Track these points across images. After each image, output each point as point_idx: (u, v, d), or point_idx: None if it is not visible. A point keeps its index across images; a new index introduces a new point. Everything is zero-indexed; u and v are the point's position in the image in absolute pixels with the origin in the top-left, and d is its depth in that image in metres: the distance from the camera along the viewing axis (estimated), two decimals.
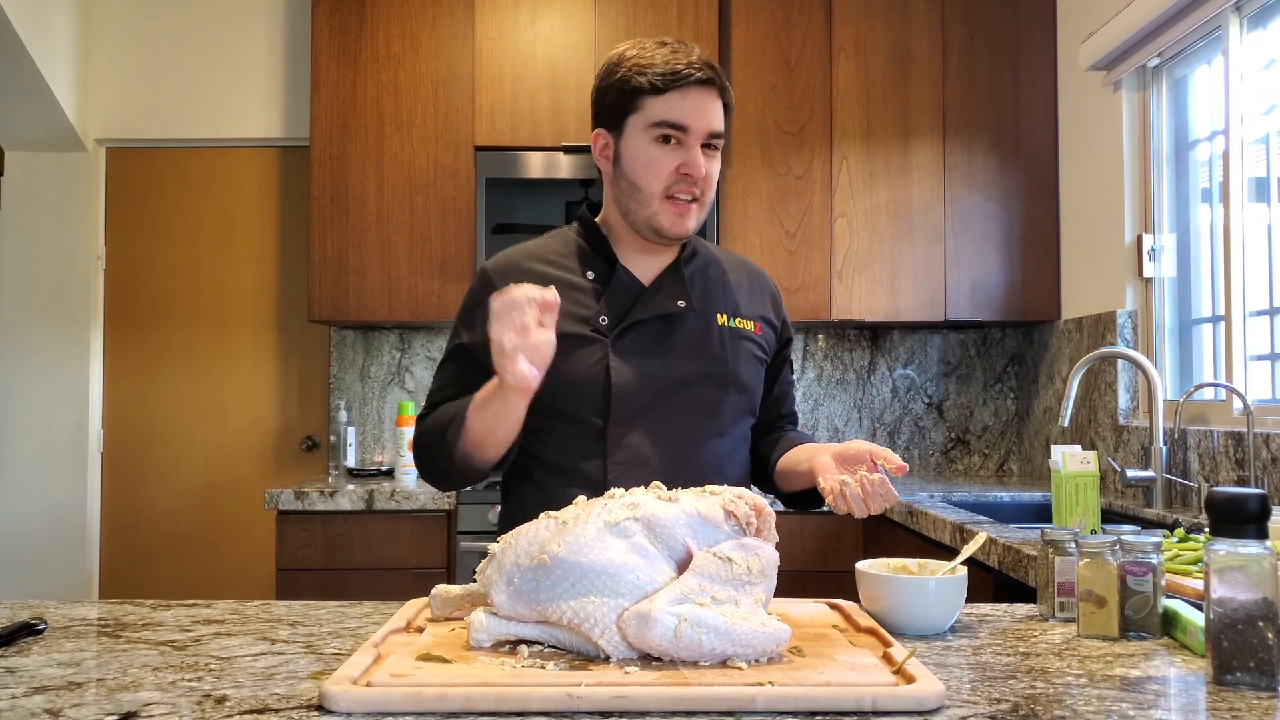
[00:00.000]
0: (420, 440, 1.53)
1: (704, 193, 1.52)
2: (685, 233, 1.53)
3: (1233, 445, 2.35)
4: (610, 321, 1.52)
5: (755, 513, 1.10)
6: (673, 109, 1.48)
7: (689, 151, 1.49)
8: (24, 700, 0.92)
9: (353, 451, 3.62)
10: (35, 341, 3.77)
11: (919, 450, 3.78)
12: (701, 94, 1.48)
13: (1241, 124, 2.54)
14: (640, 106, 1.49)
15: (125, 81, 3.83)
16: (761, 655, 0.99)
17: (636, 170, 1.51)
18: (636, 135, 1.51)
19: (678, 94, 1.48)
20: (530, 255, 1.61)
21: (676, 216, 1.51)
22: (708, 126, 1.49)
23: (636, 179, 1.51)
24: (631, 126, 1.51)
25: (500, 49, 3.42)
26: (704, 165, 1.49)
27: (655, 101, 1.48)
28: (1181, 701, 0.95)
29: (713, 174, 1.52)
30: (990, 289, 3.44)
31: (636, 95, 1.49)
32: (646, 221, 1.52)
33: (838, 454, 1.38)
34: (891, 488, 1.29)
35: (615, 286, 1.54)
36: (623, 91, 1.51)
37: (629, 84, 1.50)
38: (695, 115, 1.48)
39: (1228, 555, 0.98)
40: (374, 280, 3.40)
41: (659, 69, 1.48)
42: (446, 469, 1.49)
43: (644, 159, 1.50)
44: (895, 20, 3.46)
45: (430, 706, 0.88)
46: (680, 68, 1.48)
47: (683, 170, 1.49)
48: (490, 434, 1.42)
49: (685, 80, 1.47)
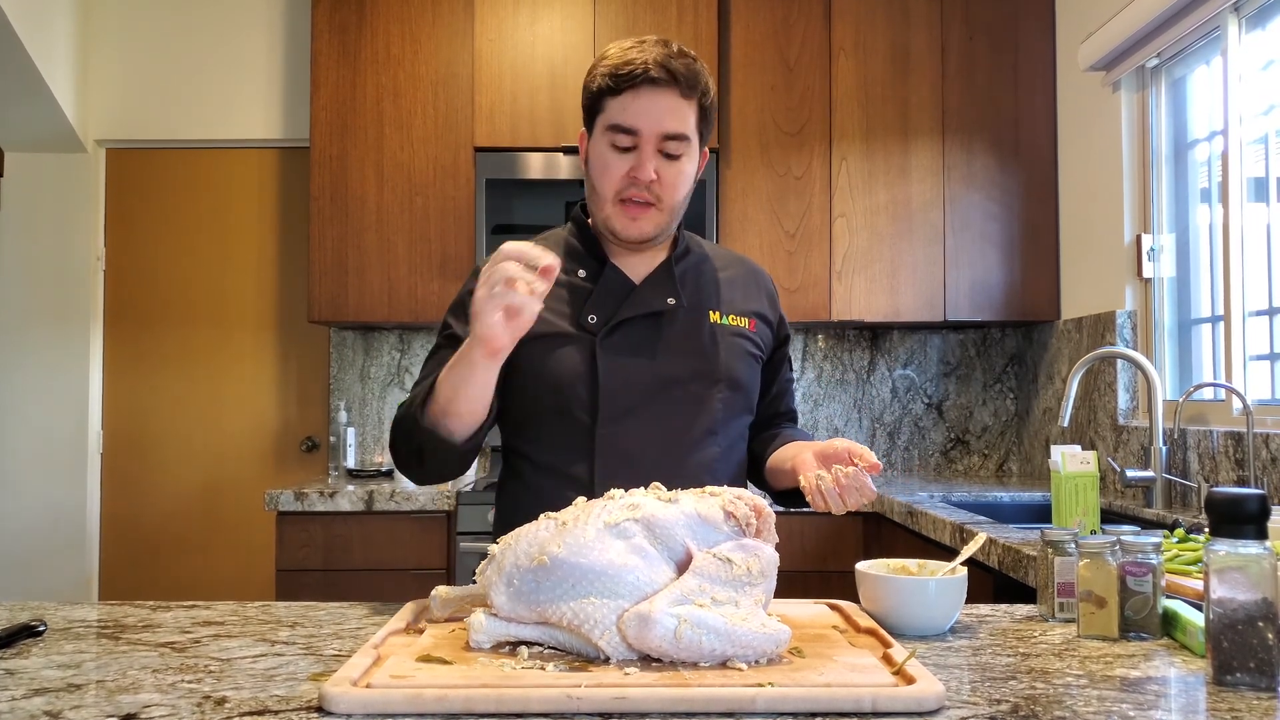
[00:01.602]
0: (395, 423, 1.48)
1: (662, 197, 1.48)
2: (640, 236, 1.50)
3: (1232, 445, 2.35)
4: (599, 320, 1.50)
5: (755, 513, 1.10)
6: (625, 110, 1.45)
7: (640, 154, 1.46)
8: (24, 702, 0.92)
9: (352, 452, 3.62)
10: (35, 342, 3.77)
11: (919, 450, 3.78)
12: (654, 94, 1.44)
13: (1240, 124, 2.54)
14: (604, 107, 1.48)
15: (125, 82, 3.83)
16: (761, 656, 0.99)
17: (594, 173, 1.51)
18: (598, 137, 1.50)
19: (630, 94, 1.44)
20: None
21: (629, 220, 1.49)
22: (659, 129, 1.44)
23: (594, 181, 1.51)
24: (597, 127, 1.50)
25: (500, 50, 3.42)
26: (653, 169, 1.45)
27: (612, 103, 1.46)
28: (1181, 702, 0.95)
29: (672, 178, 1.48)
30: (990, 289, 3.44)
31: (600, 96, 1.48)
32: (604, 224, 1.52)
33: (819, 452, 1.37)
34: (867, 481, 1.27)
35: (604, 285, 1.53)
36: (589, 91, 1.50)
37: (593, 84, 1.49)
38: (645, 117, 1.44)
39: (1227, 555, 0.98)
40: (374, 281, 3.40)
41: (611, 68, 1.45)
42: (418, 443, 1.41)
43: (599, 162, 1.49)
44: (894, 20, 3.46)
45: (430, 708, 0.88)
46: (631, 68, 1.43)
47: (631, 175, 1.46)
48: (455, 396, 1.35)
49: (634, 80, 1.43)
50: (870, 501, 1.30)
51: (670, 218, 1.52)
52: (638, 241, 1.52)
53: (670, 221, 1.52)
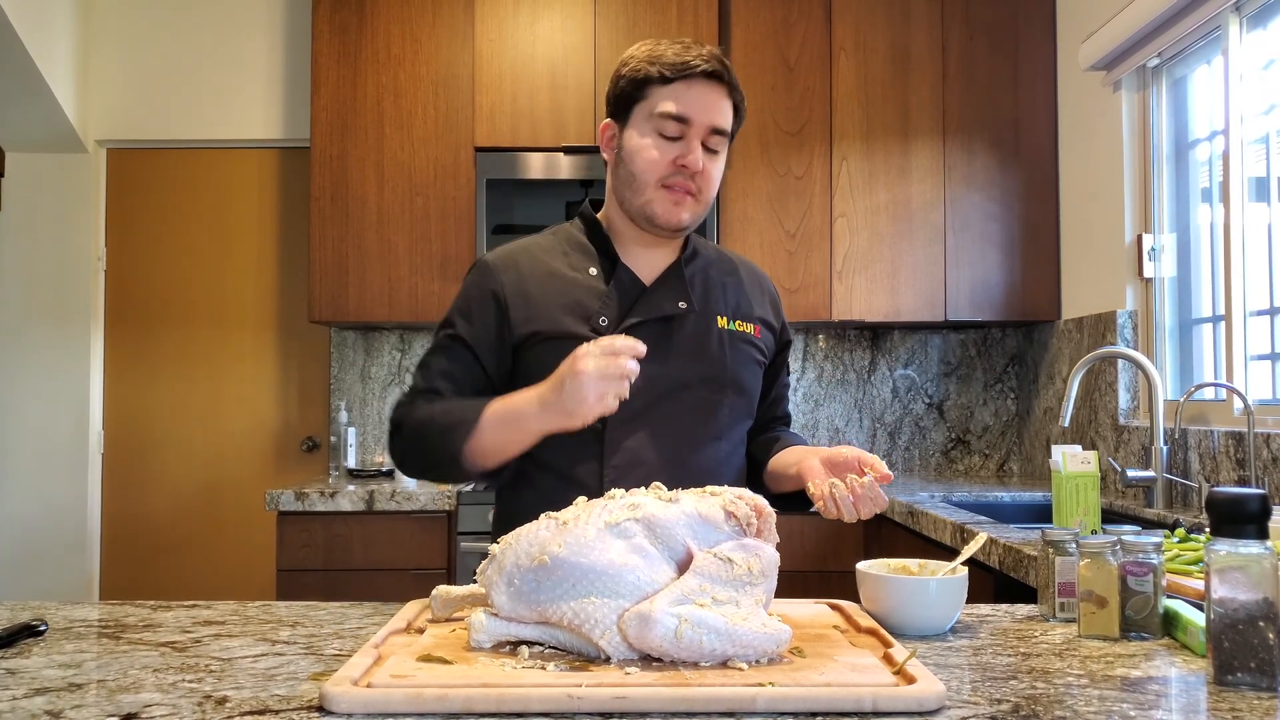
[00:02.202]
0: (414, 432, 1.49)
1: (702, 189, 1.51)
2: (679, 224, 1.51)
3: (1233, 445, 2.35)
4: (610, 322, 1.50)
5: (755, 513, 1.10)
6: (678, 99, 1.47)
7: (688, 144, 1.48)
8: (25, 702, 0.92)
9: (353, 452, 3.62)
10: (35, 342, 3.77)
11: (919, 450, 3.78)
12: (708, 88, 1.48)
13: (1241, 124, 2.54)
14: (647, 95, 1.49)
15: (125, 82, 3.83)
16: (762, 656, 0.99)
17: (636, 158, 1.51)
18: (641, 124, 1.51)
19: (684, 84, 1.47)
20: (531, 251, 1.59)
21: (671, 205, 1.50)
22: (710, 121, 1.48)
23: (634, 167, 1.51)
24: (637, 115, 1.51)
25: (500, 50, 3.42)
26: (701, 160, 1.48)
27: (661, 91, 1.48)
28: (1182, 702, 0.95)
29: (712, 172, 1.51)
30: (990, 289, 3.44)
31: (645, 84, 1.49)
32: (641, 209, 1.52)
33: (826, 459, 1.37)
34: (880, 492, 1.28)
35: (616, 286, 1.53)
36: (633, 80, 1.51)
37: (639, 73, 1.50)
38: (698, 108, 1.47)
39: (1228, 555, 0.98)
40: (374, 281, 3.40)
41: (668, 60, 1.48)
42: (444, 470, 1.47)
43: (642, 148, 1.50)
44: (895, 20, 3.46)
45: (431, 708, 0.88)
46: (689, 59, 1.47)
47: (679, 162, 1.48)
48: (505, 448, 1.41)
49: (692, 71, 1.47)
50: (882, 510, 1.30)
51: (704, 210, 1.54)
52: (674, 230, 1.53)
53: (703, 214, 1.55)
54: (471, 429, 1.40)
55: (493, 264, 1.58)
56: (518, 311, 1.52)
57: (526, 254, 1.59)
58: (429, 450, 1.46)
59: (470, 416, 1.42)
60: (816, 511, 1.33)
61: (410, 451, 1.51)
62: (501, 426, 1.39)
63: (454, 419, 1.44)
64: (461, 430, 1.42)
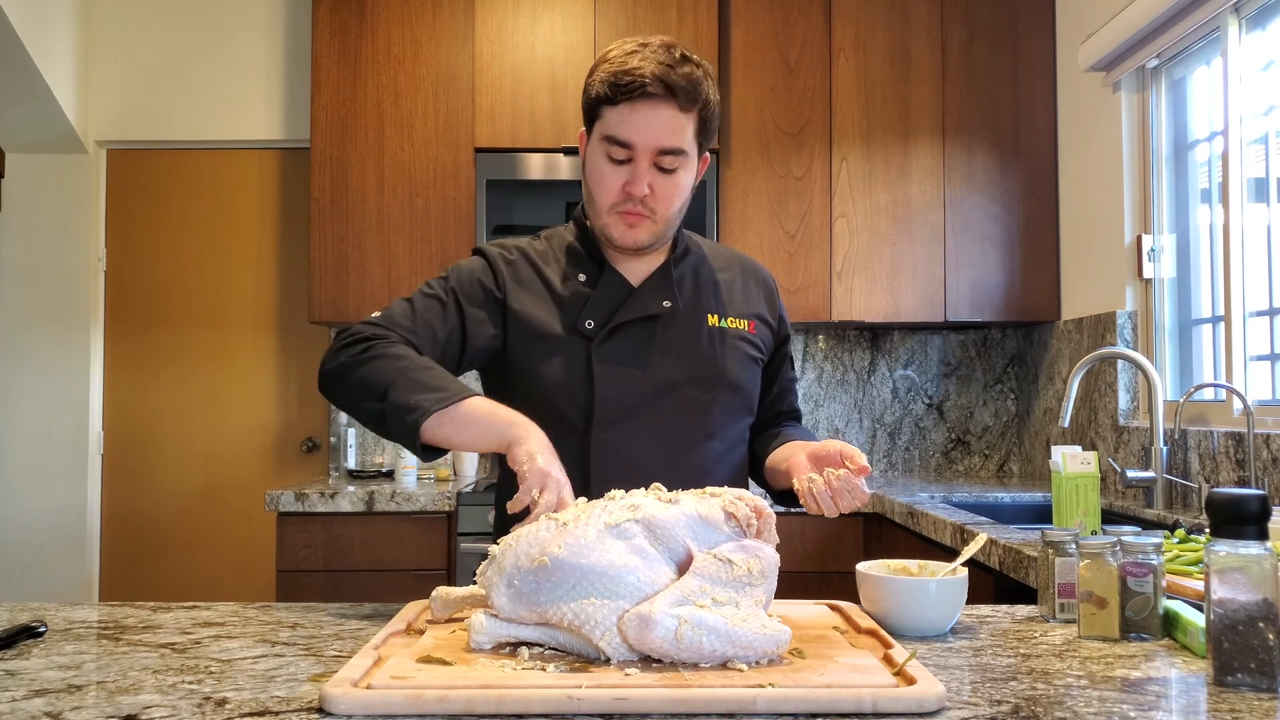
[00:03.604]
0: (365, 350, 1.39)
1: (657, 210, 1.46)
2: (636, 244, 1.49)
3: (1233, 446, 2.35)
4: (595, 324, 1.49)
5: (755, 514, 1.10)
6: (621, 123, 1.42)
7: (635, 168, 1.44)
8: (24, 703, 0.92)
9: (353, 453, 3.62)
10: (36, 343, 3.77)
11: (919, 451, 3.78)
12: (651, 108, 1.41)
13: (1241, 124, 2.54)
14: (600, 115, 1.46)
15: (125, 83, 3.83)
16: (762, 657, 0.99)
17: (590, 182, 1.49)
18: (594, 146, 1.48)
19: (627, 107, 1.41)
20: (525, 252, 1.58)
21: (626, 229, 1.48)
22: (655, 144, 1.42)
23: (590, 187, 1.50)
24: (595, 132, 1.48)
25: (500, 50, 3.42)
26: (647, 184, 1.44)
27: (609, 112, 1.43)
28: (1182, 703, 0.95)
29: (667, 191, 1.46)
30: (990, 290, 3.44)
31: (597, 103, 1.45)
32: (601, 230, 1.51)
33: (813, 453, 1.36)
34: (860, 484, 1.26)
35: (602, 289, 1.52)
36: (588, 96, 1.48)
37: (591, 90, 1.46)
38: (642, 132, 1.41)
39: (1228, 556, 0.98)
40: (374, 281, 3.40)
41: (613, 74, 1.42)
42: (349, 396, 1.38)
43: (595, 172, 1.48)
44: (895, 21, 3.46)
45: (431, 709, 0.88)
46: (630, 79, 1.40)
47: (627, 189, 1.44)
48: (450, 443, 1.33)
49: (632, 92, 1.40)
50: (864, 504, 1.29)
51: (666, 227, 1.51)
52: (633, 249, 1.51)
53: (666, 230, 1.51)
54: (450, 403, 1.31)
55: (490, 255, 1.56)
56: (511, 306, 1.51)
57: (521, 254, 1.57)
58: (362, 384, 1.36)
59: (423, 381, 1.33)
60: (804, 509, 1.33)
61: (355, 388, 1.38)
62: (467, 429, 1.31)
63: (406, 366, 1.35)
64: (401, 385, 1.33)
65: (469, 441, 1.31)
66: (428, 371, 1.36)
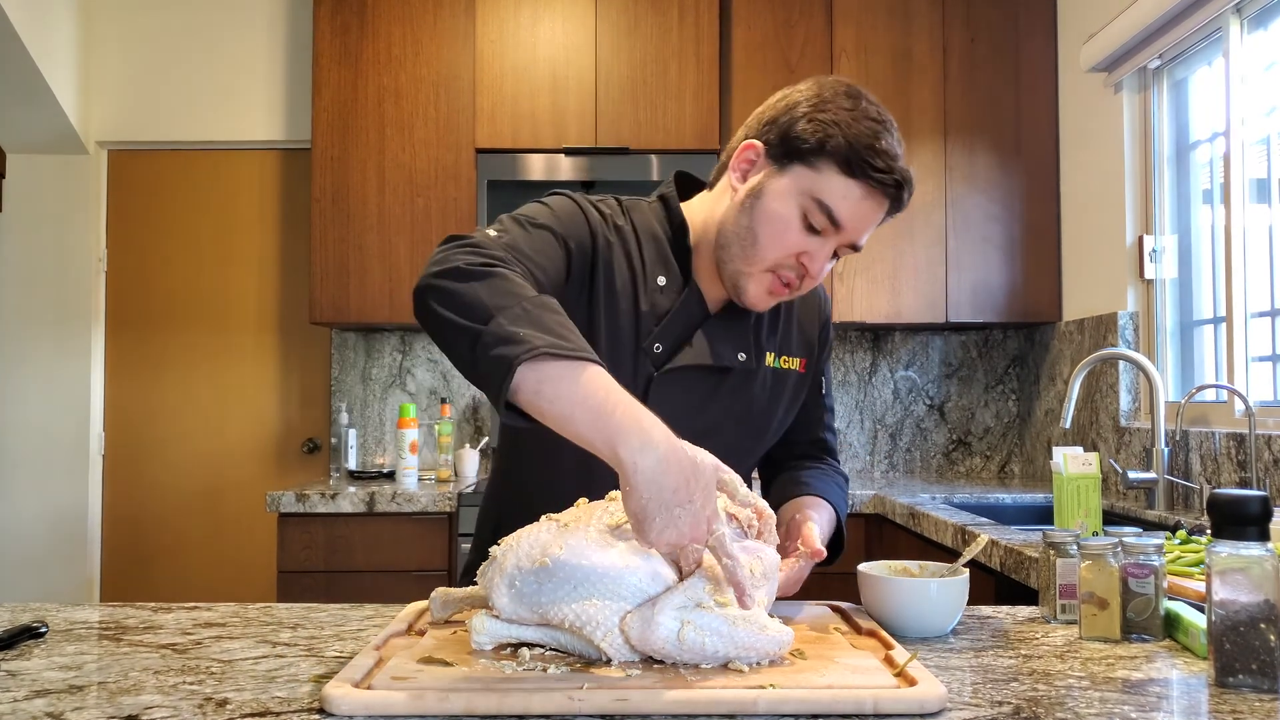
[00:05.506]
0: (489, 267, 1.10)
1: (802, 288, 1.34)
2: (762, 309, 1.37)
3: (1234, 447, 2.35)
4: (663, 351, 1.35)
5: (756, 516, 1.10)
6: (845, 199, 1.27)
7: (823, 245, 1.30)
8: (25, 704, 0.92)
9: (354, 454, 3.62)
10: (36, 344, 3.77)
11: (920, 452, 3.78)
12: (879, 205, 1.30)
13: (1242, 125, 2.54)
14: (819, 168, 1.28)
15: (126, 84, 3.83)
16: (763, 658, 0.99)
17: (762, 222, 1.30)
18: (792, 188, 1.29)
19: (862, 187, 1.27)
20: (623, 232, 1.38)
21: (765, 294, 1.33)
22: (859, 236, 1.31)
23: (758, 229, 1.31)
24: (794, 175, 1.29)
25: (501, 51, 3.42)
26: (823, 265, 1.32)
27: (836, 179, 1.27)
28: (1183, 704, 0.95)
29: (824, 274, 1.34)
30: (991, 290, 3.44)
31: (822, 154, 1.27)
32: (732, 276, 1.34)
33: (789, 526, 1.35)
34: (803, 576, 1.29)
35: (680, 311, 1.36)
36: (809, 136, 1.28)
37: (829, 142, 1.26)
38: (859, 220, 1.29)
39: (1229, 557, 0.98)
40: (375, 282, 3.40)
41: (863, 144, 1.26)
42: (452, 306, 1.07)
43: (779, 221, 1.29)
44: (896, 22, 3.46)
45: (432, 709, 0.88)
46: (884, 165, 1.27)
47: (803, 259, 1.30)
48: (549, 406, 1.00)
49: (875, 179, 1.27)
50: (790, 594, 1.27)
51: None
52: (752, 310, 1.38)
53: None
54: (564, 356, 1.00)
55: (594, 224, 1.35)
56: (594, 286, 1.33)
57: (619, 236, 1.37)
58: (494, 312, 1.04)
59: (579, 345, 1.03)
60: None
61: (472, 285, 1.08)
62: (581, 398, 0.99)
63: (563, 327, 1.05)
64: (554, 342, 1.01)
65: (566, 421, 0.99)
66: (554, 316, 1.06)
